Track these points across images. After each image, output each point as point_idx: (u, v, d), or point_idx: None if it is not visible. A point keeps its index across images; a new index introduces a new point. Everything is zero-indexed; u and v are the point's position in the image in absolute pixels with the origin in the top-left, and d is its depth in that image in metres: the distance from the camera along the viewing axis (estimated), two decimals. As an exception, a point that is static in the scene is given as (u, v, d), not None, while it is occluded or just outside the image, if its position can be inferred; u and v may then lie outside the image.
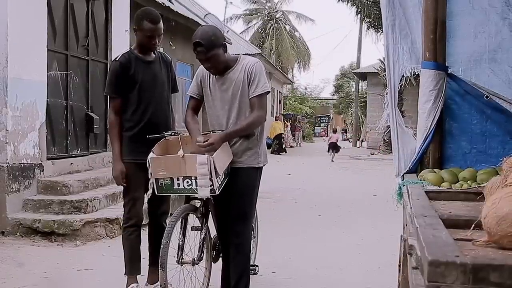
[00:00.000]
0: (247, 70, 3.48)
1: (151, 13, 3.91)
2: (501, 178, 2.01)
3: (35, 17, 6.41)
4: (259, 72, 3.48)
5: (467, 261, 1.24)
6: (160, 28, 3.86)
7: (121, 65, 3.83)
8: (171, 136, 3.80)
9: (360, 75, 31.75)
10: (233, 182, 3.58)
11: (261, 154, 3.64)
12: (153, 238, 3.99)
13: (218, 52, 3.42)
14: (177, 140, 3.74)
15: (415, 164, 3.39)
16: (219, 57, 3.43)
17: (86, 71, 7.72)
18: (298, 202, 8.72)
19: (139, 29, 3.84)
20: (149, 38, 3.82)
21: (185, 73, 14.99)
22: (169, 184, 3.52)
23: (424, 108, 3.32)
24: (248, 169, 3.59)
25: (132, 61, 3.86)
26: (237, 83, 3.51)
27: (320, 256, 5.34)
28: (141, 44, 3.90)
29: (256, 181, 3.64)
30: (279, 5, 41.12)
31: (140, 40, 3.88)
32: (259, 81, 3.47)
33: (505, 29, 3.30)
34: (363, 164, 18.57)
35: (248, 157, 3.58)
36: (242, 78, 3.50)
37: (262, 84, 3.48)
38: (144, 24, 3.80)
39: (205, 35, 3.40)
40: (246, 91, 3.51)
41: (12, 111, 6.00)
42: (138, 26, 3.85)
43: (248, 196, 3.62)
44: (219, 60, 3.45)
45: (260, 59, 3.78)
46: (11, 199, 5.96)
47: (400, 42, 3.49)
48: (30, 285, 4.25)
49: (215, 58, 3.42)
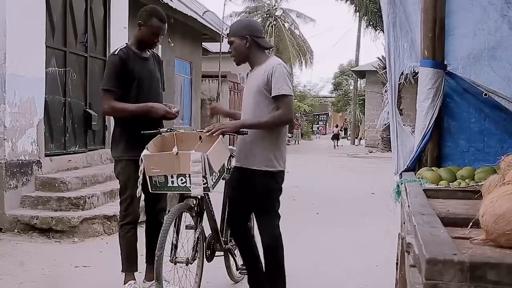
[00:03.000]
0: (267, 70, 3.47)
1: (160, 11, 3.92)
2: (499, 177, 2.01)
3: (34, 14, 6.40)
4: (278, 73, 3.43)
5: (465, 259, 1.24)
6: (166, 28, 3.90)
7: (120, 59, 3.79)
8: (166, 133, 3.77)
9: (358, 73, 31.79)
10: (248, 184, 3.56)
11: (277, 158, 3.52)
12: (151, 235, 3.98)
13: (237, 41, 3.55)
14: (172, 137, 3.72)
15: (413, 162, 3.39)
16: (237, 46, 3.56)
17: (85, 67, 7.70)
18: (296, 200, 8.72)
19: (146, 25, 3.81)
20: (154, 36, 3.83)
21: (184, 70, 14.98)
22: (163, 181, 3.48)
23: (423, 107, 3.32)
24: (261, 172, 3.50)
25: (130, 56, 3.84)
26: (256, 81, 3.53)
27: (318, 253, 5.34)
28: (142, 40, 3.87)
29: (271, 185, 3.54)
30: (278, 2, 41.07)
31: (143, 36, 3.85)
32: (276, 82, 3.42)
33: (504, 26, 3.29)
34: (361, 162, 18.59)
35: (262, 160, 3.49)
36: (261, 77, 3.50)
37: (280, 85, 3.42)
38: (153, 21, 3.80)
39: (234, 23, 3.75)
40: (261, 90, 3.48)
41: (10, 108, 5.99)
42: (145, 22, 3.82)
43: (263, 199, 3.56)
44: (236, 50, 3.58)
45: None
46: (9, 195, 5.95)
47: (400, 40, 3.49)
48: (28, 282, 4.25)
49: (233, 46, 3.58)
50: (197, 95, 16.14)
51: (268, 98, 3.47)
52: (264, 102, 3.48)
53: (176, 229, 3.55)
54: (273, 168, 3.52)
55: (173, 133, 3.76)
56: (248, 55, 3.57)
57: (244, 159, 3.57)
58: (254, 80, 3.55)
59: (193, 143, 3.61)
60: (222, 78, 18.37)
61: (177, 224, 3.56)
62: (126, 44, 3.95)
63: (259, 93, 3.49)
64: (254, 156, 3.51)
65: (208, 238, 3.89)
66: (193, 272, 3.75)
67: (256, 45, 3.55)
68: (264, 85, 3.46)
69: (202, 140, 3.61)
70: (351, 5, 26.61)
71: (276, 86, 3.42)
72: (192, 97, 15.58)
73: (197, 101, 16.04)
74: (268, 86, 3.45)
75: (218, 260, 4.06)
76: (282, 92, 3.43)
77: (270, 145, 3.51)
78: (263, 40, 3.61)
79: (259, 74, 3.52)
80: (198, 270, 3.80)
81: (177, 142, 3.64)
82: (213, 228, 3.87)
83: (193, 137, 3.74)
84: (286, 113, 3.45)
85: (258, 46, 3.56)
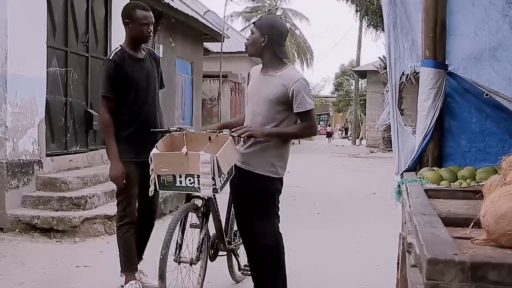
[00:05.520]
0: (288, 84, 3.41)
1: (140, 3, 3.95)
2: (500, 177, 2.01)
3: (35, 14, 6.40)
4: (301, 90, 3.42)
5: (466, 259, 1.24)
6: (152, 16, 3.89)
7: (115, 64, 3.79)
8: (176, 132, 3.77)
9: (359, 73, 31.76)
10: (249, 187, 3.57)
11: (279, 165, 3.54)
12: (142, 235, 4.01)
13: (256, 34, 3.50)
14: (181, 137, 3.72)
15: (414, 162, 3.39)
16: (254, 39, 3.51)
17: (86, 67, 7.70)
18: (297, 200, 8.72)
19: (132, 20, 3.83)
20: (144, 26, 3.82)
21: (185, 70, 14.98)
22: (171, 181, 3.50)
23: (424, 107, 3.32)
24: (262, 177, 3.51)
25: (126, 60, 3.83)
26: (272, 88, 3.46)
27: (319, 253, 5.34)
28: (135, 37, 3.87)
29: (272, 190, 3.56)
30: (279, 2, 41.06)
31: (134, 32, 3.85)
32: (302, 99, 3.41)
33: (505, 26, 3.29)
34: (362, 162, 18.57)
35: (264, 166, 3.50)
36: (278, 87, 3.44)
37: (305, 101, 3.42)
38: (138, 12, 3.83)
39: (264, 18, 3.85)
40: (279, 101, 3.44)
41: (11, 108, 6.00)
42: (130, 17, 3.84)
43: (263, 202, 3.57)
44: (253, 42, 3.52)
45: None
46: (10, 195, 5.95)
47: (401, 40, 3.49)
48: (28, 282, 4.25)
49: (251, 36, 3.55)
50: (198, 95, 16.14)
51: (283, 110, 3.46)
52: (280, 112, 3.47)
53: (181, 228, 3.55)
54: (275, 175, 3.54)
55: (182, 132, 3.75)
56: (261, 53, 3.53)
57: (248, 162, 3.56)
58: (269, 86, 3.48)
59: (202, 144, 3.60)
60: (223, 78, 18.36)
61: (182, 224, 3.56)
62: (121, 46, 3.94)
63: (277, 103, 3.45)
64: (259, 161, 3.51)
65: (212, 238, 3.89)
66: (196, 273, 3.75)
67: (271, 49, 3.48)
68: (283, 97, 3.43)
69: (211, 141, 3.61)
70: (352, 5, 26.61)
71: (302, 103, 3.42)
72: (193, 97, 15.58)
73: (198, 101, 16.04)
74: (287, 99, 3.43)
75: (219, 260, 4.06)
76: (308, 107, 3.45)
77: (276, 153, 3.53)
78: (281, 48, 3.52)
79: (277, 82, 3.45)
80: (201, 271, 3.80)
81: (186, 142, 3.63)
82: (218, 229, 3.87)
83: (202, 137, 3.72)
84: (311, 125, 3.53)
85: (273, 50, 3.49)
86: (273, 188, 3.57)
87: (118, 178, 3.79)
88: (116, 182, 3.83)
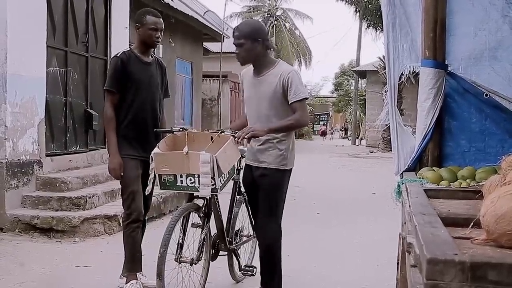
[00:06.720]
0: (283, 77, 3.54)
1: (152, 10, 4.14)
2: (499, 177, 2.01)
3: (35, 13, 6.40)
4: (295, 80, 3.54)
5: (466, 259, 1.24)
6: (162, 22, 4.03)
7: (121, 61, 3.91)
8: (179, 132, 3.79)
9: (359, 73, 31.74)
10: (259, 181, 3.63)
11: (288, 157, 3.65)
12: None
13: (248, 44, 3.53)
14: (184, 136, 3.73)
15: (414, 162, 3.39)
16: (249, 49, 3.54)
17: (86, 67, 7.70)
18: (297, 200, 8.71)
19: (142, 25, 3.95)
20: (153, 31, 3.93)
21: (185, 70, 14.98)
22: (172, 180, 3.52)
23: (423, 107, 3.32)
24: (272, 170, 3.60)
25: (132, 59, 3.95)
26: (270, 86, 3.57)
27: (318, 253, 5.34)
28: (144, 40, 3.98)
29: (281, 182, 3.65)
30: (279, 2, 41.05)
31: (143, 36, 3.96)
32: (296, 88, 3.53)
33: (505, 26, 3.29)
34: (362, 162, 18.57)
35: (274, 159, 3.60)
36: (275, 83, 3.55)
37: (299, 90, 3.54)
38: (148, 18, 3.96)
39: (244, 25, 3.70)
40: (278, 96, 3.55)
41: (11, 107, 6.00)
42: (140, 22, 3.96)
43: (272, 195, 3.63)
44: (249, 52, 3.56)
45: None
46: (9, 195, 5.95)
47: (400, 40, 3.49)
48: (28, 282, 4.25)
49: (244, 48, 3.54)
50: (198, 95, 16.15)
51: (284, 102, 3.56)
52: (281, 107, 3.58)
53: (182, 228, 3.56)
54: (285, 167, 3.64)
55: (185, 132, 3.78)
56: (259, 58, 3.61)
57: (261, 158, 3.63)
58: (266, 85, 3.59)
59: (204, 144, 3.63)
60: (223, 78, 18.37)
61: (184, 224, 3.57)
62: (130, 48, 4.07)
63: (276, 99, 3.56)
64: (272, 154, 3.60)
65: (214, 238, 3.90)
66: (197, 273, 3.74)
67: (265, 49, 3.61)
68: (280, 91, 3.54)
69: (213, 141, 3.63)
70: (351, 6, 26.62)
71: (296, 92, 3.53)
72: (193, 97, 15.58)
73: (198, 101, 16.05)
74: (284, 92, 3.54)
75: (219, 259, 4.06)
76: (302, 96, 3.56)
77: (285, 146, 3.62)
78: (269, 43, 3.67)
79: (272, 79, 3.57)
80: (203, 272, 3.80)
81: (188, 142, 3.65)
82: (219, 229, 3.88)
83: (204, 137, 3.76)
84: (303, 115, 3.59)
85: (266, 50, 3.62)
86: (282, 180, 3.65)
87: (115, 169, 3.90)
88: (114, 174, 3.95)
